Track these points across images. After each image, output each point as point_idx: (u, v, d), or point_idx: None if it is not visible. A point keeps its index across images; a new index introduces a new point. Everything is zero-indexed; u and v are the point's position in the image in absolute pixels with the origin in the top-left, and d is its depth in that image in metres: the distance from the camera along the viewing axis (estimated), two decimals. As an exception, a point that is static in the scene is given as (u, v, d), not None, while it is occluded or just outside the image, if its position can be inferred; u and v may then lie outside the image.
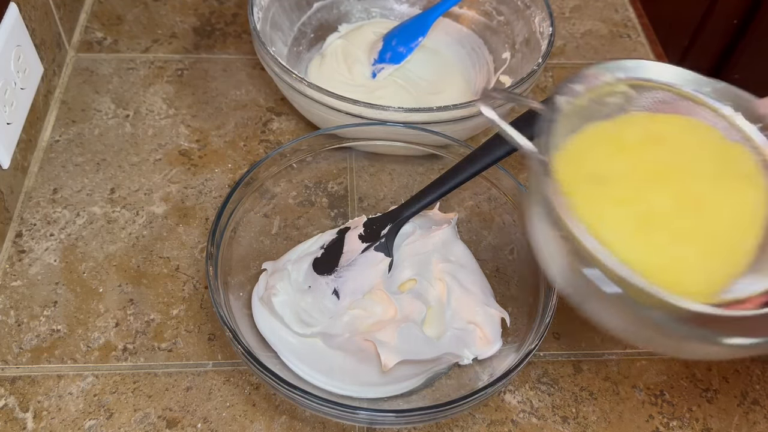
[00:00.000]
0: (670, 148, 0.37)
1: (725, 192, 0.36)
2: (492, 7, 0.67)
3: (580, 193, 0.36)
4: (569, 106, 0.38)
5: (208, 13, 0.72)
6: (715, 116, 0.39)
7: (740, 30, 1.02)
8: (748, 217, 0.36)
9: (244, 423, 0.47)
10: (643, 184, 0.35)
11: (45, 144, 0.60)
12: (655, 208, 0.35)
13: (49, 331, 0.50)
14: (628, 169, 0.36)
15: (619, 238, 0.34)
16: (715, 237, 0.35)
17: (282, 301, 0.48)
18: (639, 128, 0.38)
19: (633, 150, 0.37)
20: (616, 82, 0.39)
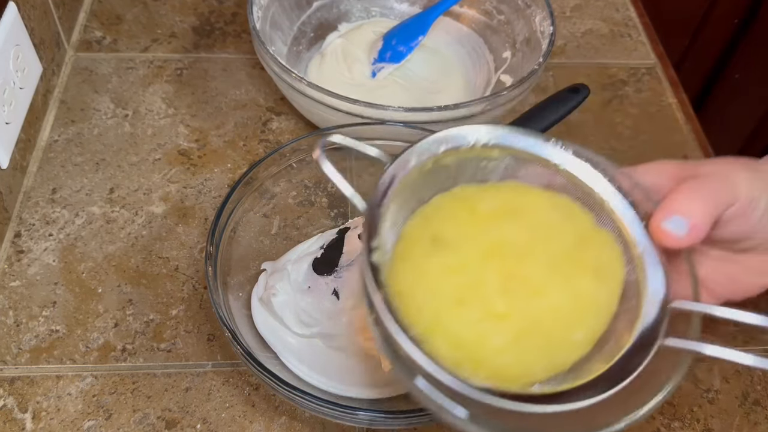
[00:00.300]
0: (525, 224, 0.35)
1: (562, 281, 0.33)
2: (492, 6, 0.67)
3: (415, 254, 0.35)
4: (429, 164, 0.37)
5: (207, 13, 0.72)
6: (593, 200, 0.37)
7: (741, 29, 1.02)
8: (580, 312, 0.33)
9: (244, 424, 0.47)
10: (477, 255, 0.34)
11: (44, 144, 0.60)
12: (480, 283, 0.33)
13: (48, 332, 0.50)
14: (469, 237, 0.34)
15: (435, 306, 0.33)
16: (531, 324, 0.32)
17: (281, 301, 0.47)
18: (500, 198, 0.37)
19: (483, 219, 0.35)
20: (488, 147, 0.38)
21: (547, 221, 0.36)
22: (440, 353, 0.32)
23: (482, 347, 0.32)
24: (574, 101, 0.53)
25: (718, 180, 0.35)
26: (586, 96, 0.53)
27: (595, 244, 0.35)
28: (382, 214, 0.35)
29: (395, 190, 0.36)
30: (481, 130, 0.38)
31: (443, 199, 0.37)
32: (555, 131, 0.62)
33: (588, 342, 0.34)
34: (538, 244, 0.34)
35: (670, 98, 0.69)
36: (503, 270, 0.33)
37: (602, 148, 0.64)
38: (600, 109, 0.67)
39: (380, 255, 0.34)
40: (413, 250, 0.35)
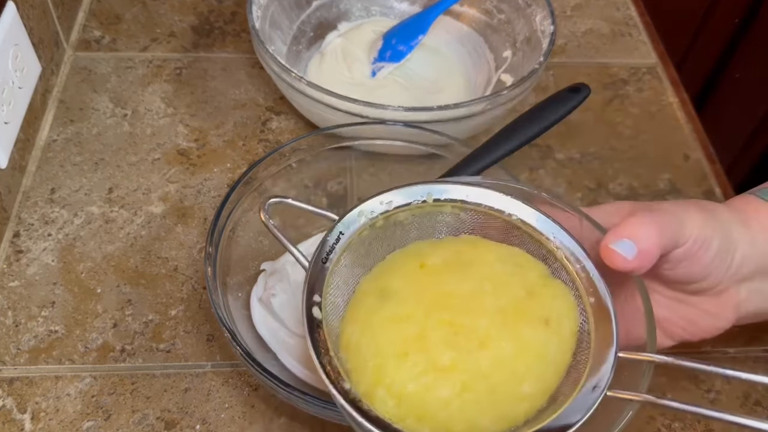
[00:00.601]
0: (473, 277, 0.35)
1: (508, 333, 0.33)
2: (493, 6, 0.67)
3: (364, 305, 0.35)
4: (381, 221, 0.37)
5: (206, 12, 0.72)
6: (544, 248, 0.37)
7: (742, 29, 1.01)
8: (527, 364, 0.33)
9: (243, 424, 0.46)
10: (422, 308, 0.34)
11: (43, 143, 0.60)
12: (425, 335, 0.33)
13: (46, 332, 0.50)
14: (415, 290, 0.35)
15: (380, 358, 0.33)
16: (476, 377, 0.32)
17: (281, 301, 0.47)
18: (451, 251, 0.37)
19: (431, 272, 0.35)
20: (438, 203, 0.38)
21: (497, 274, 0.36)
22: (385, 408, 0.32)
23: (426, 400, 0.32)
24: (575, 101, 0.53)
25: (670, 215, 0.36)
26: (587, 95, 0.53)
27: (547, 295, 0.35)
28: (328, 269, 0.36)
29: (344, 247, 0.36)
30: (430, 188, 0.38)
31: (396, 256, 0.38)
32: (555, 131, 0.62)
33: (538, 394, 0.33)
34: (485, 297, 0.34)
35: (671, 98, 0.68)
36: (448, 322, 0.33)
37: (603, 148, 0.64)
38: (601, 109, 0.67)
39: (326, 310, 0.34)
40: (362, 303, 0.35)
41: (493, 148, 0.49)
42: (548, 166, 0.62)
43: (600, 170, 0.63)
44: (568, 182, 0.61)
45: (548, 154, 0.63)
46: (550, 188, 0.61)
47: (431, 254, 0.37)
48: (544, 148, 0.63)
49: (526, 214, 0.38)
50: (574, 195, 0.60)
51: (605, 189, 0.61)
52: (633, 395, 0.33)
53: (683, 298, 0.40)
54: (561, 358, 0.34)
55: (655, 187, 0.61)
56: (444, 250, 0.37)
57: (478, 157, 0.49)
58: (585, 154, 0.63)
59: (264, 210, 0.38)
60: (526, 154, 0.63)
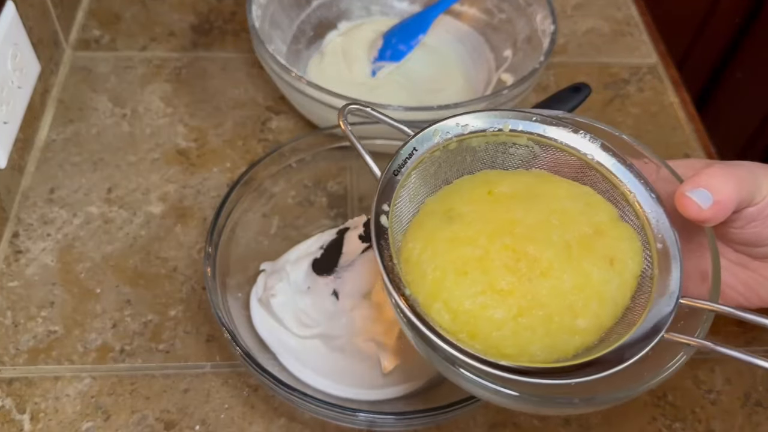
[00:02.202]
0: (541, 209, 0.35)
1: (571, 266, 0.33)
2: (493, 5, 0.66)
3: (427, 224, 0.35)
4: (454, 144, 0.37)
5: (206, 11, 0.72)
6: (620, 194, 0.37)
7: (743, 29, 1.01)
8: (586, 299, 0.33)
9: (243, 425, 0.46)
10: (487, 232, 0.34)
11: (42, 143, 0.60)
12: (487, 258, 0.33)
13: (45, 332, 0.49)
14: (482, 215, 0.35)
15: (438, 274, 0.33)
16: (533, 304, 0.33)
17: (281, 302, 0.47)
18: (521, 183, 0.37)
19: (499, 200, 0.36)
20: (515, 133, 0.38)
21: (566, 209, 0.36)
22: (440, 321, 0.33)
23: (481, 319, 0.32)
24: (576, 100, 0.52)
25: (748, 172, 0.36)
26: (588, 95, 0.53)
27: (614, 236, 0.35)
28: (398, 182, 0.36)
29: (415, 163, 0.36)
30: (510, 115, 0.38)
31: (464, 180, 0.38)
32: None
33: (591, 330, 0.34)
34: (552, 229, 0.35)
35: (672, 97, 0.68)
36: (512, 248, 0.34)
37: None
38: (601, 109, 0.67)
39: (392, 220, 0.34)
40: (427, 222, 0.35)
41: None
42: (549, 166, 0.62)
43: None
44: (569, 182, 0.61)
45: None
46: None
47: (500, 183, 0.37)
48: (544, 147, 0.63)
49: (602, 155, 0.38)
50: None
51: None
52: (690, 339, 0.33)
53: (747, 263, 0.40)
54: (620, 299, 0.34)
55: (656, 186, 0.61)
56: (513, 181, 0.37)
57: None
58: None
59: (343, 117, 0.38)
60: (526, 153, 0.63)
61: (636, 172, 0.37)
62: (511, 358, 0.32)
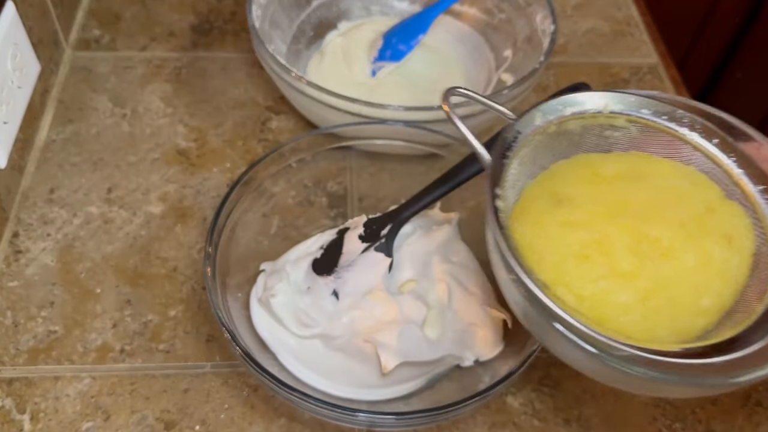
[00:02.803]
0: (650, 188, 0.35)
1: (692, 245, 0.33)
2: (493, 5, 0.66)
3: (534, 208, 0.34)
4: (553, 127, 0.37)
5: (206, 11, 0.72)
6: (723, 173, 0.37)
7: (743, 28, 1.01)
8: (708, 278, 0.33)
9: (243, 425, 0.46)
10: (601, 214, 0.34)
11: (42, 143, 0.60)
12: (603, 239, 0.33)
13: (45, 332, 0.49)
14: (592, 197, 0.34)
15: (556, 258, 0.32)
16: (658, 286, 0.32)
17: (281, 302, 0.47)
18: (624, 164, 0.36)
19: (606, 182, 0.35)
20: (613, 115, 0.37)
21: (674, 187, 0.35)
22: (565, 306, 0.31)
23: (607, 304, 0.31)
24: None
25: None
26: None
27: (725, 213, 0.35)
28: (505, 165, 0.35)
29: (519, 147, 0.36)
30: (608, 97, 0.37)
31: (564, 164, 0.37)
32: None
33: (715, 310, 0.33)
34: (665, 208, 0.34)
35: (672, 97, 0.68)
36: (630, 229, 0.33)
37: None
38: (601, 108, 0.67)
39: (503, 203, 0.34)
40: (532, 206, 0.35)
41: None
42: (549, 166, 0.62)
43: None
44: (569, 182, 0.61)
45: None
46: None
47: (602, 164, 0.36)
48: (544, 147, 0.63)
49: (702, 135, 0.37)
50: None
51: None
52: None
53: None
54: (740, 277, 0.34)
55: (656, 186, 0.61)
56: (615, 162, 0.36)
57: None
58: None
59: (446, 100, 0.38)
60: (526, 153, 0.63)
61: (739, 149, 0.36)
62: (639, 343, 0.31)
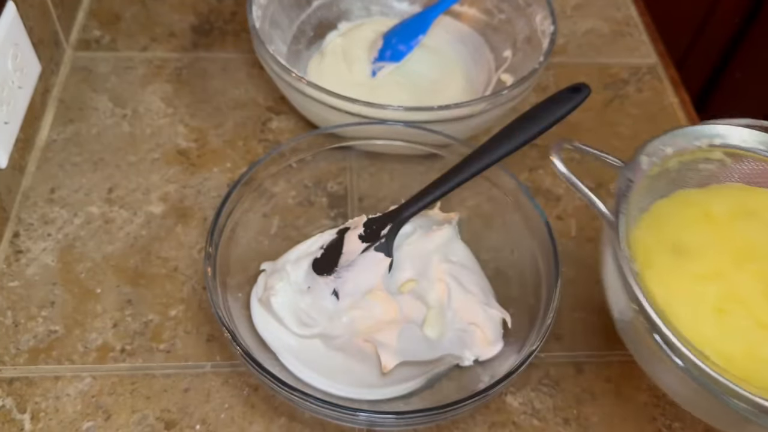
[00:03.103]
0: (763, 225, 0.34)
1: None
2: (493, 5, 0.67)
3: (658, 263, 0.33)
4: (656, 168, 0.36)
5: (206, 12, 0.72)
6: None
7: (743, 29, 1.01)
8: None
9: (243, 425, 0.46)
10: (728, 261, 0.32)
11: (42, 143, 0.60)
12: (737, 290, 0.32)
13: (46, 332, 0.49)
14: (713, 243, 0.33)
15: (693, 316, 0.31)
16: None
17: (281, 302, 0.47)
18: (730, 200, 0.35)
19: (721, 223, 0.34)
20: (710, 148, 0.37)
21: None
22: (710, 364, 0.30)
23: (753, 359, 0.30)
24: (575, 101, 0.53)
25: None
26: (587, 95, 0.53)
27: None
28: (621, 219, 0.34)
29: (632, 195, 0.35)
30: (706, 130, 0.37)
31: (668, 206, 0.36)
32: (555, 131, 0.62)
33: None
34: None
35: (672, 97, 0.68)
36: (759, 275, 0.32)
37: (603, 148, 0.64)
38: (601, 109, 0.67)
39: (634, 264, 0.32)
40: (655, 261, 0.33)
41: (494, 148, 0.49)
42: (548, 166, 0.62)
43: (600, 170, 0.62)
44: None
45: (548, 154, 0.63)
46: (550, 188, 0.61)
47: (709, 203, 0.35)
48: (543, 148, 0.63)
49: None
50: (574, 195, 0.60)
51: (605, 189, 0.61)
52: None
53: None
54: None
55: (656, 187, 0.61)
56: (721, 199, 0.35)
57: (478, 156, 0.49)
58: (585, 154, 0.63)
59: (555, 153, 0.36)
60: (525, 154, 0.63)
61: None
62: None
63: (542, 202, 0.59)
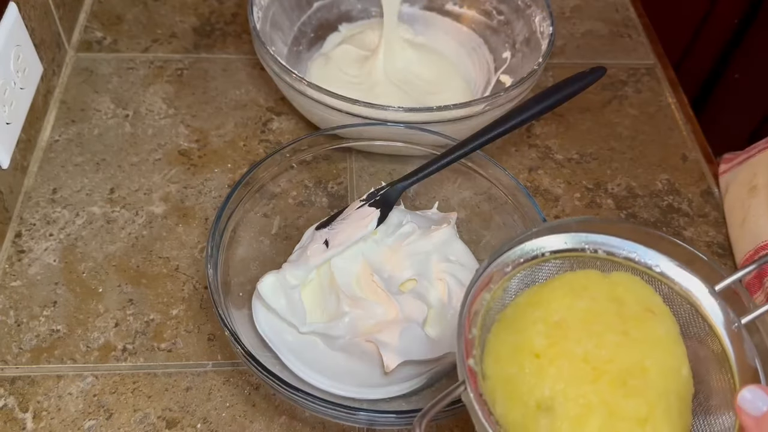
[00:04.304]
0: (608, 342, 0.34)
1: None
2: (492, 7, 0.67)
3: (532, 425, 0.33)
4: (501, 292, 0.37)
5: (207, 13, 0.72)
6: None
7: (740, 30, 1.02)
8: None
9: (244, 423, 0.47)
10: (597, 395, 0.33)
11: (44, 144, 0.60)
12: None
13: (48, 332, 0.50)
14: (570, 385, 0.33)
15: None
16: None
17: (269, 283, 0.47)
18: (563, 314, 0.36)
19: (549, 359, 0.34)
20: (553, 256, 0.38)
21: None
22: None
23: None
24: (590, 78, 0.53)
25: None
26: (601, 75, 0.53)
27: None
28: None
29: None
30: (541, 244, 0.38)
31: (497, 342, 0.36)
32: (554, 131, 0.63)
33: None
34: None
35: (670, 98, 0.69)
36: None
37: (601, 149, 0.64)
38: (599, 110, 0.67)
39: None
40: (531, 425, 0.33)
41: (516, 115, 0.50)
42: (547, 167, 0.62)
43: (598, 171, 0.63)
44: (567, 182, 0.61)
45: (547, 154, 0.63)
46: (549, 188, 0.61)
47: (533, 339, 0.35)
48: (543, 148, 0.64)
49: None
50: (573, 195, 0.61)
51: (603, 189, 0.61)
52: None
53: None
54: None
55: (654, 187, 0.62)
56: (531, 323, 0.35)
57: (480, 134, 0.50)
58: (584, 154, 0.63)
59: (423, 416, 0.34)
60: (525, 154, 0.63)
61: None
62: None
63: (541, 202, 0.60)
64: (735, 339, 0.36)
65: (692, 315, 0.37)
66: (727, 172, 0.60)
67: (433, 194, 0.56)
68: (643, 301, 0.36)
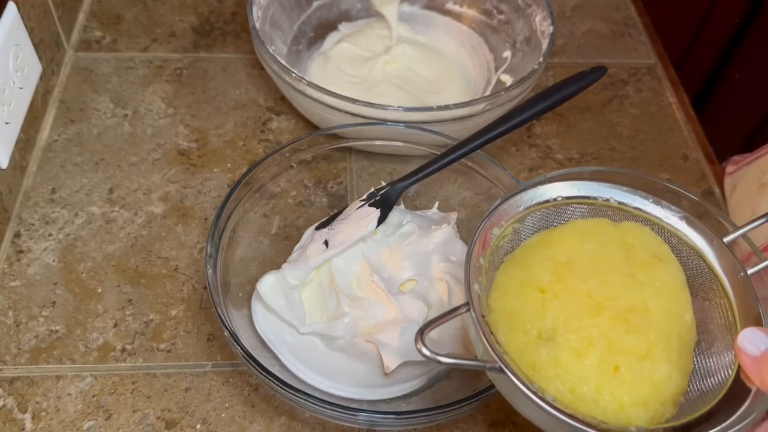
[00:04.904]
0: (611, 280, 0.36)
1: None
2: (492, 6, 0.67)
3: (532, 355, 0.34)
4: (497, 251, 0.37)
5: (207, 12, 0.72)
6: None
7: (741, 29, 1.02)
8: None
9: (243, 424, 0.46)
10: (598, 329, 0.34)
11: (43, 143, 0.60)
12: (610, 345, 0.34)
13: (47, 332, 0.50)
14: (569, 314, 0.35)
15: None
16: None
17: (270, 285, 0.47)
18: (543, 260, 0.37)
19: (556, 294, 0.35)
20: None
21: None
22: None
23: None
24: (591, 78, 0.53)
25: None
26: (602, 75, 0.53)
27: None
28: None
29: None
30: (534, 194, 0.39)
31: (505, 278, 0.37)
32: (554, 131, 0.62)
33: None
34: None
35: (671, 98, 0.69)
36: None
37: (602, 148, 0.64)
38: (600, 109, 0.67)
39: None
40: (533, 355, 0.34)
41: (516, 115, 0.50)
42: (548, 166, 0.62)
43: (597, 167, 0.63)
44: (568, 182, 0.61)
45: (548, 154, 0.63)
46: (550, 188, 0.61)
47: (541, 275, 0.36)
48: (543, 148, 0.64)
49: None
50: (574, 195, 0.60)
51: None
52: None
53: None
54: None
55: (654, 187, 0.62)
56: (538, 260, 0.36)
57: (480, 134, 0.50)
58: (584, 154, 0.63)
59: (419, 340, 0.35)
60: (525, 154, 0.63)
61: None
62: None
63: (542, 202, 0.60)
64: (739, 288, 0.36)
65: (699, 265, 0.38)
66: (735, 173, 0.60)
67: (433, 194, 0.56)
68: (652, 248, 0.37)
